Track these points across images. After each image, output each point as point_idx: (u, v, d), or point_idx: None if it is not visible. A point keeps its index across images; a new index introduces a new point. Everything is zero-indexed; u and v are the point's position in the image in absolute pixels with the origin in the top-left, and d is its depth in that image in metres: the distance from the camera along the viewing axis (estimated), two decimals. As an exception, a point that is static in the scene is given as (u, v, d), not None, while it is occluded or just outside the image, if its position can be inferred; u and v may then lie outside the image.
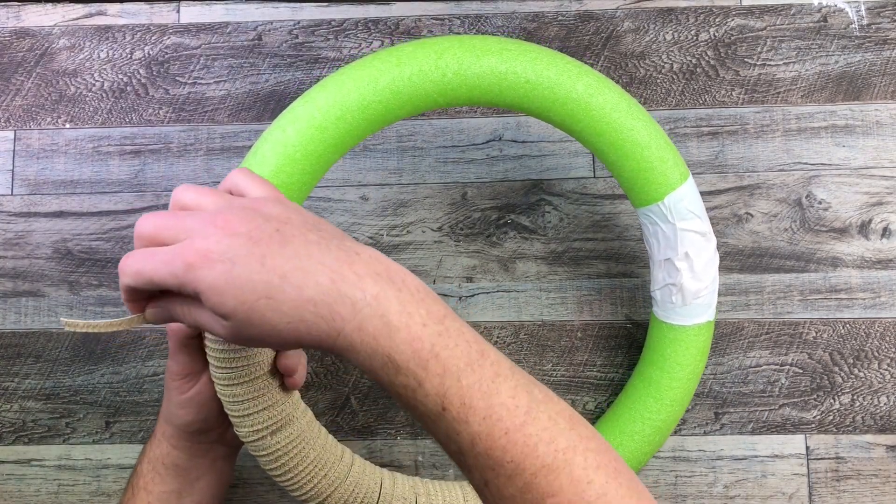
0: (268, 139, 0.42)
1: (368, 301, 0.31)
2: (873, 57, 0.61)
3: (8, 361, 0.58)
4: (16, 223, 0.60)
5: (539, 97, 0.45)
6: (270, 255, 0.31)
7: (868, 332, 0.57)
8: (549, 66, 0.45)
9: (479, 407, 0.31)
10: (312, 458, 0.42)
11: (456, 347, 0.32)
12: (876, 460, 0.56)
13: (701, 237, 0.48)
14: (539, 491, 0.31)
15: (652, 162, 0.47)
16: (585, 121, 0.46)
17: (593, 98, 0.46)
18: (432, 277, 0.59)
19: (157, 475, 0.44)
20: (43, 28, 0.63)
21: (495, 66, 0.44)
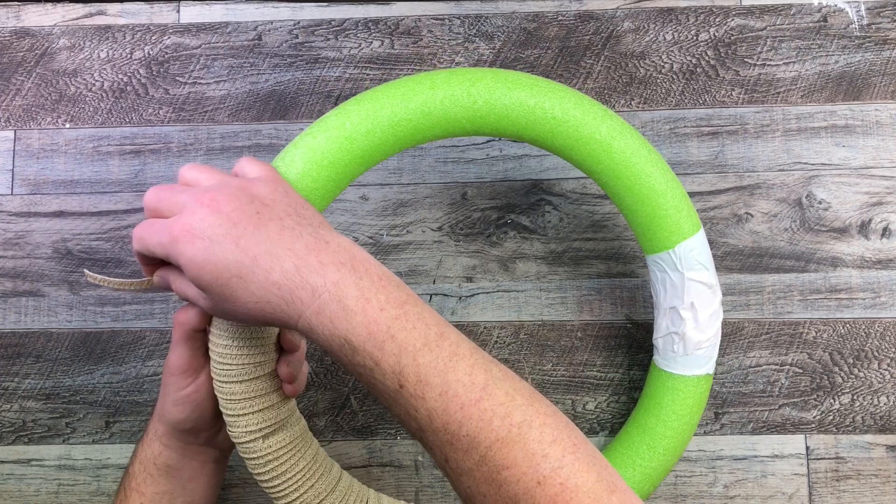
0: (298, 144, 0.43)
1: (328, 287, 0.34)
2: (873, 57, 0.61)
3: (8, 361, 0.58)
4: (16, 223, 0.60)
5: (564, 134, 0.46)
6: (245, 236, 0.34)
7: (868, 332, 0.57)
8: (576, 105, 0.46)
9: (435, 384, 0.33)
10: (301, 467, 0.42)
11: (413, 329, 0.34)
12: (876, 460, 0.56)
13: (708, 289, 0.48)
14: (494, 463, 0.32)
15: (667, 210, 0.48)
16: (606, 163, 0.47)
17: (615, 141, 0.46)
18: (432, 277, 0.59)
19: (148, 476, 0.44)
20: (43, 28, 0.63)
21: (525, 100, 0.45)
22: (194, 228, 0.35)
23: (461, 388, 0.33)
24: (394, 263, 0.59)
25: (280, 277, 0.34)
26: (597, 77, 0.61)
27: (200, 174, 0.38)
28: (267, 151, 0.61)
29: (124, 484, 0.45)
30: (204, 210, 0.35)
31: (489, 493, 0.32)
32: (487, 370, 0.34)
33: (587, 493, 0.31)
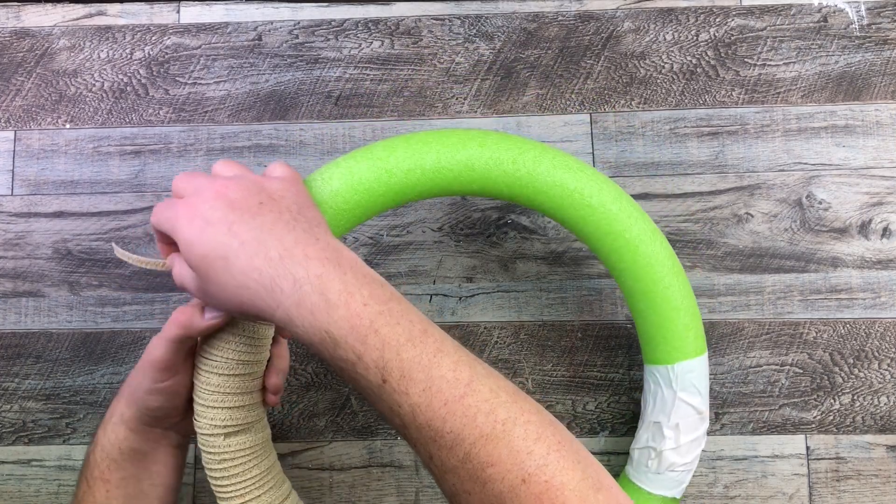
0: (340, 164, 0.43)
1: (311, 279, 0.34)
2: (873, 57, 0.61)
3: (8, 362, 0.58)
4: (16, 223, 0.60)
5: (595, 224, 0.46)
6: (239, 222, 0.35)
7: (868, 332, 0.57)
8: (614, 199, 0.46)
9: (418, 379, 0.33)
10: (254, 474, 0.42)
11: (397, 325, 0.34)
12: (876, 460, 0.56)
13: (696, 414, 0.48)
14: (479, 460, 0.32)
15: (677, 326, 0.48)
16: (629, 262, 0.47)
17: (644, 245, 0.47)
18: (432, 277, 0.59)
19: (112, 462, 0.43)
20: (43, 28, 0.63)
21: (566, 182, 0.45)
22: (196, 209, 0.36)
23: (445, 383, 0.33)
24: (394, 264, 0.59)
25: (262, 263, 0.34)
26: (597, 77, 0.61)
27: (226, 167, 0.40)
28: (267, 152, 0.61)
29: (85, 475, 0.44)
30: (212, 195, 0.36)
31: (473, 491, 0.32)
32: (472, 367, 0.34)
33: (573, 490, 0.31)
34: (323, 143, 0.61)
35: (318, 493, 0.57)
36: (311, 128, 0.61)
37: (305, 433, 0.57)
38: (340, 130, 0.61)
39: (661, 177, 0.60)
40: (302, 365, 0.58)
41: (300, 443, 0.57)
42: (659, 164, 0.60)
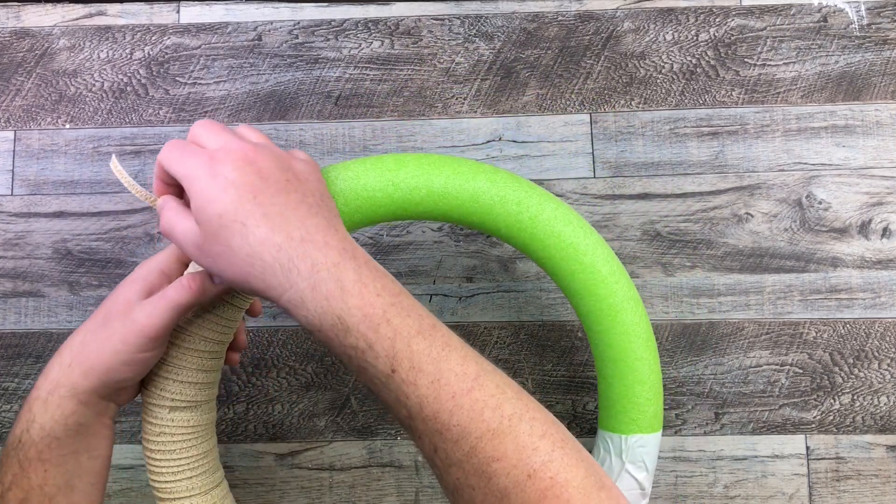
0: (349, 166, 0.44)
1: (328, 266, 0.34)
2: (873, 57, 0.61)
3: (8, 361, 0.58)
4: (16, 223, 0.60)
5: (581, 282, 0.46)
6: (266, 193, 0.35)
7: (868, 332, 0.57)
8: (605, 261, 0.46)
9: (428, 371, 0.33)
10: (190, 455, 0.41)
11: (408, 317, 0.34)
12: (876, 460, 0.56)
13: (639, 490, 0.48)
14: (484, 454, 0.32)
15: (639, 398, 0.48)
16: (606, 327, 0.47)
17: (623, 313, 0.47)
18: (432, 277, 0.59)
19: (55, 440, 0.40)
20: (43, 28, 0.63)
21: (563, 232, 0.45)
22: (221, 165, 0.35)
23: (453, 377, 0.33)
24: (394, 263, 0.59)
25: (283, 240, 0.34)
26: (597, 77, 0.61)
27: (251, 132, 0.39)
28: (267, 152, 0.61)
29: (16, 457, 0.40)
30: (240, 155, 0.36)
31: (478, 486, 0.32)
32: (478, 363, 0.34)
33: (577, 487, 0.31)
34: (323, 143, 0.61)
35: (318, 493, 0.57)
36: (311, 128, 0.61)
37: (305, 433, 0.57)
38: (340, 130, 0.61)
39: (661, 177, 0.60)
40: (302, 365, 0.58)
41: (300, 443, 0.57)
42: (659, 164, 0.60)
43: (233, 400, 0.58)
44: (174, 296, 0.39)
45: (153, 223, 0.60)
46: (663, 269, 0.58)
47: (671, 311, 0.58)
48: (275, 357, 0.58)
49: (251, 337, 0.58)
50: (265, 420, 0.58)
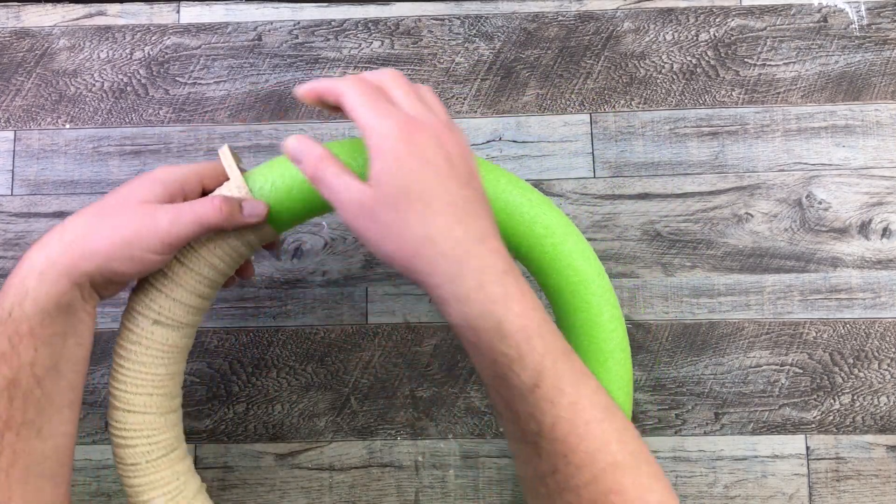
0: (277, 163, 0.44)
1: (497, 271, 0.34)
2: (873, 57, 0.61)
3: (8, 362, 0.58)
4: (16, 223, 0.60)
5: (582, 319, 0.46)
6: (451, 181, 0.35)
7: (868, 332, 0.57)
8: (609, 306, 0.46)
9: (568, 392, 0.33)
10: (158, 372, 0.41)
11: (556, 337, 0.34)
12: (876, 460, 0.56)
13: None
14: (605, 486, 0.32)
15: None
16: (590, 367, 0.47)
17: (607, 363, 0.47)
18: (432, 277, 0.59)
19: (47, 316, 0.38)
20: (43, 28, 0.63)
21: (579, 272, 0.45)
22: (417, 136, 0.35)
23: (589, 403, 0.33)
24: (394, 264, 0.59)
25: (462, 234, 0.34)
26: (597, 77, 0.61)
27: (438, 103, 0.39)
28: (267, 152, 0.61)
29: (3, 335, 0.38)
30: (436, 132, 0.35)
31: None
32: (608, 396, 0.35)
33: None
34: (322, 142, 0.61)
35: (318, 493, 0.57)
36: (312, 128, 0.61)
37: (305, 433, 0.57)
38: (340, 130, 0.61)
39: (661, 177, 0.60)
40: (302, 365, 0.58)
41: (300, 443, 0.57)
42: (659, 164, 0.60)
43: (233, 400, 0.58)
44: (203, 212, 0.39)
45: (153, 223, 0.60)
46: (663, 269, 0.58)
47: (671, 311, 0.58)
48: (275, 357, 0.58)
49: (251, 337, 0.58)
50: (265, 420, 0.58)
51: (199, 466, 0.57)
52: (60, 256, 0.38)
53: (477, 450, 0.57)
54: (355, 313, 0.59)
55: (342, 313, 0.59)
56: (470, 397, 0.58)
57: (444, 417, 0.57)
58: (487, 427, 0.57)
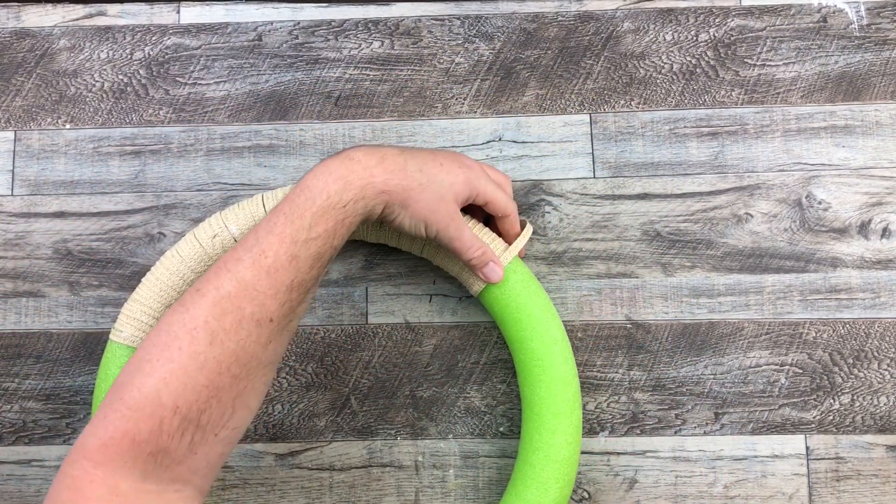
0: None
1: None
2: (873, 57, 0.61)
3: (8, 362, 0.58)
4: (16, 223, 0.60)
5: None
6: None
7: (868, 332, 0.57)
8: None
9: None
10: None
11: None
12: (876, 460, 0.56)
13: None
14: None
15: None
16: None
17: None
18: (432, 278, 0.59)
19: (353, 224, 0.46)
20: (43, 29, 0.63)
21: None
22: None
23: None
24: (394, 263, 0.59)
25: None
26: (597, 77, 0.61)
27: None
28: (267, 152, 0.61)
29: (332, 217, 0.44)
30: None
31: None
32: None
33: None
34: (323, 143, 0.61)
35: (318, 493, 0.57)
36: (311, 128, 0.61)
37: (305, 433, 0.57)
38: (340, 131, 0.61)
39: (660, 177, 0.60)
40: (302, 365, 0.58)
41: (300, 443, 0.57)
42: (659, 164, 0.60)
43: (233, 400, 0.58)
44: (484, 269, 0.52)
45: (153, 223, 0.60)
46: (663, 269, 0.58)
47: (671, 311, 0.58)
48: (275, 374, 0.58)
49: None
50: (265, 420, 0.58)
51: (199, 466, 0.57)
52: (376, 196, 0.46)
53: (477, 450, 0.57)
54: (355, 313, 0.59)
55: (342, 313, 0.59)
56: (470, 397, 0.58)
57: (444, 417, 0.57)
58: (487, 427, 0.57)
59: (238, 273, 0.42)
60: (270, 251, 0.42)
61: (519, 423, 0.57)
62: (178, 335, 0.40)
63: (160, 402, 0.39)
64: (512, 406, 0.57)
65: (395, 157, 0.47)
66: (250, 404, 0.43)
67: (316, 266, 0.44)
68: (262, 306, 0.42)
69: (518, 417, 0.57)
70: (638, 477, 0.56)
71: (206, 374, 0.40)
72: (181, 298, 0.42)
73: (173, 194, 0.60)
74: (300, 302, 0.44)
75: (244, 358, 0.41)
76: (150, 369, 0.39)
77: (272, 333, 0.42)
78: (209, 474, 0.42)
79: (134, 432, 0.38)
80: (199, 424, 0.40)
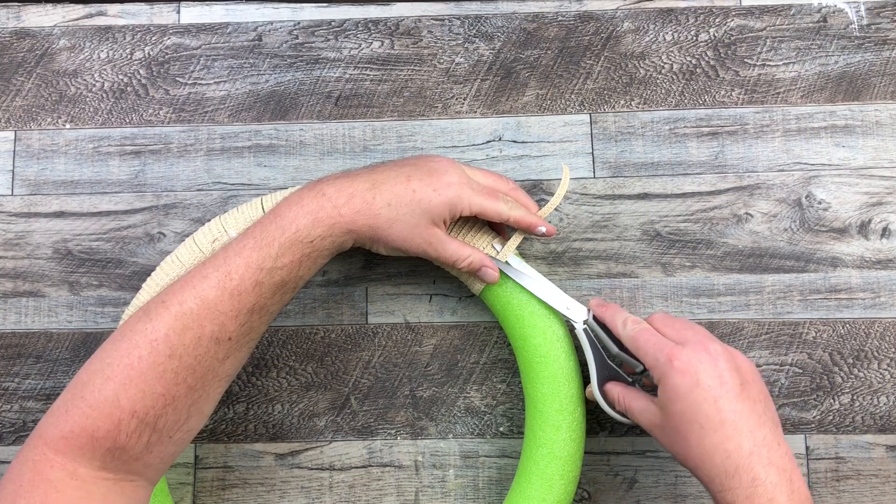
0: None
1: (766, 484, 0.41)
2: (873, 57, 0.61)
3: (8, 361, 0.58)
4: (16, 223, 0.60)
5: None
6: (725, 398, 0.42)
7: (868, 332, 0.57)
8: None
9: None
10: None
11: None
12: (876, 460, 0.56)
13: None
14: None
15: None
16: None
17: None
18: (432, 278, 0.59)
19: (331, 251, 0.48)
20: (43, 28, 0.63)
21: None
22: (693, 366, 0.42)
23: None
24: (394, 264, 0.59)
25: (733, 449, 0.40)
26: (597, 77, 0.61)
27: (692, 329, 0.46)
28: (267, 152, 0.61)
29: (299, 250, 0.46)
30: (707, 357, 0.42)
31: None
32: None
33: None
34: (323, 143, 0.61)
35: (318, 493, 0.57)
36: (311, 128, 0.61)
37: (305, 433, 0.58)
38: (340, 131, 0.61)
39: (660, 177, 0.60)
40: (302, 365, 0.58)
41: (300, 443, 0.57)
42: (659, 164, 0.60)
43: (233, 400, 0.58)
44: (479, 273, 0.52)
45: (153, 223, 0.60)
46: (663, 269, 0.58)
47: (671, 311, 0.58)
48: (275, 357, 0.58)
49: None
50: (265, 420, 0.58)
51: (199, 466, 0.57)
52: (322, 225, 0.47)
53: (477, 450, 0.57)
54: (355, 313, 0.59)
55: (342, 313, 0.59)
56: (470, 397, 0.58)
57: (444, 417, 0.57)
58: (487, 427, 0.57)
59: (202, 291, 0.43)
60: (236, 274, 0.44)
61: (519, 422, 0.57)
62: (139, 344, 0.42)
63: (119, 404, 0.41)
64: (512, 406, 0.57)
65: (363, 193, 0.47)
66: (204, 411, 0.45)
67: (278, 293, 0.46)
68: (223, 326, 0.43)
69: (518, 417, 0.57)
70: (638, 477, 0.56)
71: (163, 384, 0.42)
72: (145, 305, 0.44)
73: (173, 194, 0.60)
74: (261, 322, 0.46)
75: (200, 371, 0.43)
76: (111, 373, 0.42)
77: (230, 350, 0.44)
78: (162, 469, 0.45)
79: (93, 429, 0.40)
80: (156, 428, 0.42)
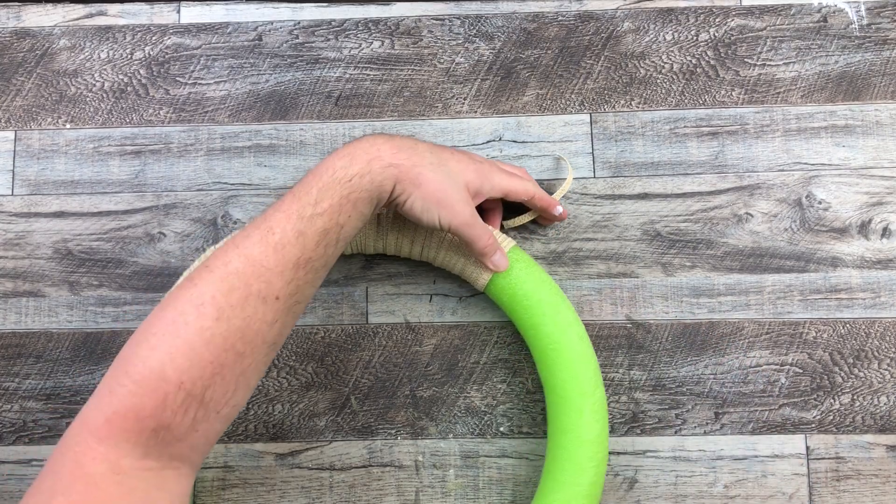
0: None
1: None
2: (873, 57, 0.61)
3: (8, 361, 0.58)
4: (16, 223, 0.60)
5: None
6: None
7: (868, 332, 0.57)
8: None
9: None
10: None
11: None
12: (876, 460, 0.56)
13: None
14: None
15: None
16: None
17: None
18: (432, 277, 0.59)
19: (373, 196, 0.46)
20: (43, 28, 0.63)
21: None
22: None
23: None
24: (394, 264, 0.59)
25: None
26: (597, 77, 0.61)
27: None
28: (267, 152, 0.61)
29: (337, 192, 0.44)
30: None
31: None
32: None
33: None
34: (323, 143, 0.61)
35: (318, 493, 0.57)
36: (311, 128, 0.61)
37: (305, 433, 0.58)
38: (340, 130, 0.61)
39: (661, 177, 0.60)
40: (302, 365, 0.58)
41: (300, 443, 0.57)
42: (659, 164, 0.60)
43: (233, 400, 0.58)
44: (494, 257, 0.51)
45: (153, 223, 0.60)
46: (663, 269, 0.58)
47: (671, 311, 0.58)
48: (275, 357, 0.58)
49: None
50: (265, 420, 0.58)
51: (199, 466, 0.57)
52: (355, 196, 0.45)
53: (477, 450, 0.57)
54: (355, 313, 0.59)
55: (342, 313, 0.59)
56: (470, 397, 0.58)
57: (444, 417, 0.57)
58: (487, 427, 0.57)
59: (246, 249, 0.42)
60: (277, 227, 0.42)
61: (519, 422, 0.57)
62: (185, 310, 0.40)
63: (165, 377, 0.38)
64: (512, 406, 0.58)
65: (404, 139, 0.47)
66: (251, 383, 0.43)
67: (322, 243, 0.43)
68: (269, 283, 0.41)
69: (518, 417, 0.57)
70: (638, 477, 0.56)
71: (211, 351, 0.39)
72: (190, 275, 0.42)
73: (173, 194, 0.60)
74: (306, 282, 0.43)
75: (249, 335, 0.41)
76: (156, 342, 0.39)
77: (278, 312, 0.42)
78: (205, 451, 0.42)
79: (138, 408, 0.38)
80: (203, 401, 0.39)
